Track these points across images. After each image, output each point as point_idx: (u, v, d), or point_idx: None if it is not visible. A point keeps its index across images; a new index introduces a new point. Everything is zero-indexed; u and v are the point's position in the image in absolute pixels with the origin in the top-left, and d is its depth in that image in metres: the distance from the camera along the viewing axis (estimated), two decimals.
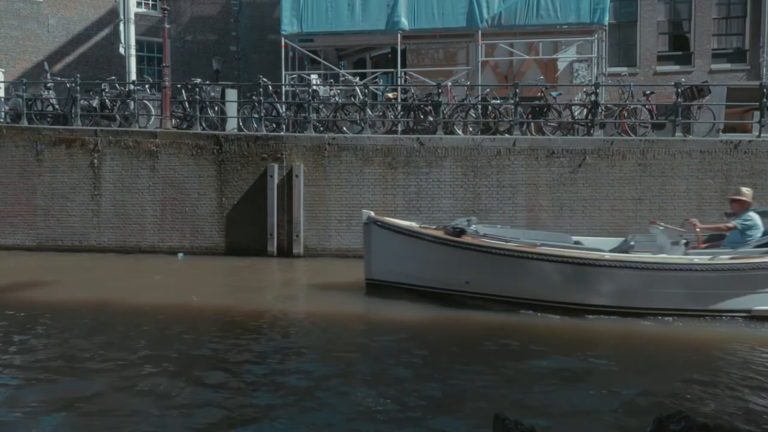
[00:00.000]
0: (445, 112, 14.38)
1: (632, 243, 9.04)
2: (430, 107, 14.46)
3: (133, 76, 17.39)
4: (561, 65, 19.90)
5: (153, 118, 14.88)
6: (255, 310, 9.12)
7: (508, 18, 17.50)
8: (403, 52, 18.93)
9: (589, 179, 13.47)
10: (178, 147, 14.10)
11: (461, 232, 9.03)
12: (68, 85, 15.07)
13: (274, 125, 14.95)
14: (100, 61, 23.09)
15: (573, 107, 15.39)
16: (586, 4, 17.16)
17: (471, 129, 14.55)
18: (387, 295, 9.52)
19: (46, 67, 16.99)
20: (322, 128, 14.60)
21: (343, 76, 18.75)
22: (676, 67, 20.76)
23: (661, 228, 9.14)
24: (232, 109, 15.20)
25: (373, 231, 9.72)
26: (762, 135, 13.72)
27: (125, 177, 14.21)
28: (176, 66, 20.85)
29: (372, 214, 9.95)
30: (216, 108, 15.06)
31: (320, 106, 14.73)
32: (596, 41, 18.19)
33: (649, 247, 8.93)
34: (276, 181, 13.67)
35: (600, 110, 14.19)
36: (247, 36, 25.02)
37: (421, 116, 14.61)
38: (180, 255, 13.74)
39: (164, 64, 15.05)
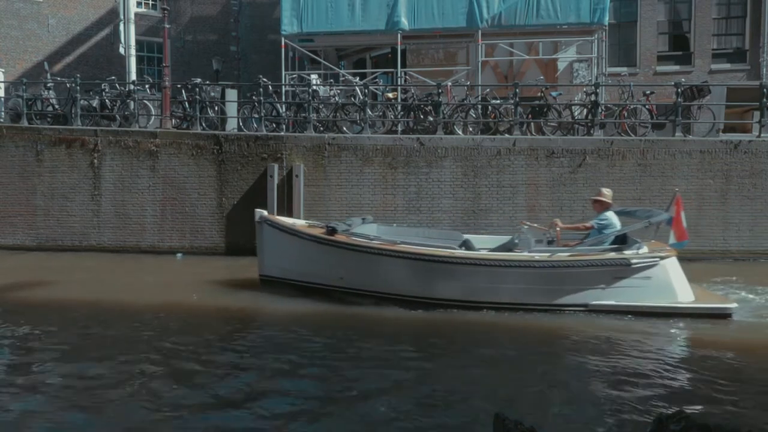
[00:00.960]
0: (445, 112, 14.38)
1: (516, 241, 9.46)
2: (430, 107, 14.46)
3: (133, 76, 17.39)
4: (561, 65, 19.90)
5: (153, 118, 14.88)
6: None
7: (508, 18, 17.50)
8: (403, 52, 18.93)
9: (589, 179, 13.47)
10: (178, 147, 14.10)
11: (333, 231, 9.54)
12: (68, 85, 15.06)
13: (274, 125, 14.95)
14: (100, 61, 23.09)
15: (573, 107, 15.39)
16: (586, 4, 17.16)
17: (471, 129, 14.55)
18: (276, 291, 9.93)
19: (46, 67, 16.99)
20: (322, 128, 14.60)
21: (343, 76, 18.75)
22: (676, 67, 20.76)
23: (526, 227, 9.71)
24: (232, 109, 15.20)
25: (264, 230, 10.10)
26: (762, 135, 13.72)
27: (125, 177, 14.21)
28: (176, 66, 20.85)
29: (264, 213, 10.35)
30: (216, 108, 15.06)
31: (320, 106, 14.73)
32: (596, 41, 18.19)
33: (533, 245, 9.34)
34: (276, 181, 13.66)
35: (600, 110, 14.19)
36: (247, 36, 25.02)
37: (421, 116, 14.61)
38: (178, 255, 13.74)
39: (164, 64, 15.05)
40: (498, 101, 14.61)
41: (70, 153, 14.32)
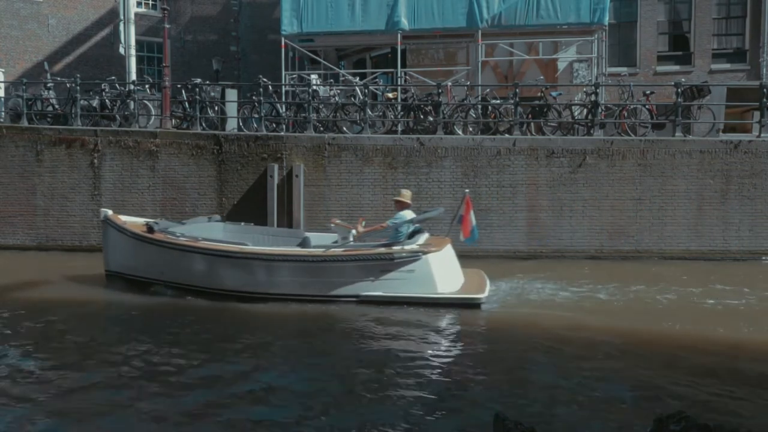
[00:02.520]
0: (445, 112, 14.38)
1: (338, 239, 10.16)
2: (430, 107, 14.46)
3: (133, 76, 17.38)
4: (561, 65, 19.89)
5: (153, 118, 14.87)
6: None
7: (508, 18, 17.49)
8: (403, 52, 18.93)
9: (589, 179, 13.47)
10: (178, 147, 14.10)
11: (151, 229, 10.13)
12: (68, 85, 15.06)
13: (274, 125, 14.94)
14: (100, 61, 23.08)
15: (573, 107, 15.39)
16: (586, 4, 17.15)
17: (471, 129, 14.55)
18: (115, 286, 10.42)
19: (46, 67, 16.98)
20: (322, 128, 14.60)
21: (343, 76, 18.75)
22: (676, 67, 20.76)
23: (333, 225, 10.51)
24: (232, 109, 15.20)
25: (106, 228, 10.68)
26: (762, 135, 13.72)
27: (125, 177, 14.21)
28: (176, 66, 20.85)
29: (109, 212, 10.80)
30: (216, 108, 15.06)
31: (320, 106, 14.72)
32: (596, 41, 18.19)
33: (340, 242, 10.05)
34: (276, 181, 13.66)
35: (600, 110, 14.18)
36: (247, 36, 25.02)
37: (421, 116, 14.60)
38: None
39: (164, 64, 15.05)
40: (498, 101, 14.60)
41: (70, 153, 14.32)
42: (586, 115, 14.38)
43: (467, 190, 10.55)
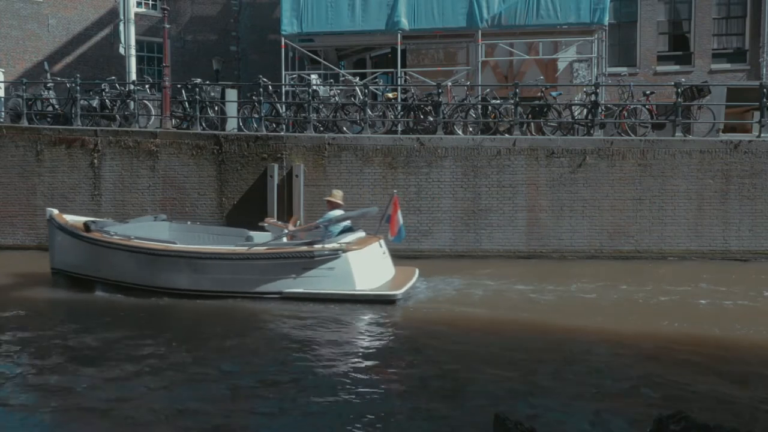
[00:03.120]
0: (445, 112, 14.37)
1: (251, 234, 10.49)
2: (430, 107, 14.45)
3: (133, 76, 17.36)
4: (561, 65, 19.89)
5: (153, 118, 14.88)
6: None
7: (508, 18, 17.48)
8: (403, 52, 18.92)
9: (589, 179, 13.47)
10: (178, 147, 14.10)
11: (87, 228, 10.34)
12: (68, 85, 15.06)
13: (274, 125, 14.94)
14: (100, 61, 23.07)
15: (573, 107, 15.38)
16: (586, 4, 17.14)
17: (471, 129, 14.55)
18: (58, 284, 10.69)
19: (46, 67, 16.98)
20: (322, 128, 14.59)
21: (343, 76, 18.75)
22: (676, 67, 20.75)
23: (266, 225, 10.87)
24: (232, 109, 15.20)
25: (51, 227, 10.96)
26: (762, 135, 13.72)
27: (125, 177, 14.21)
28: (176, 66, 20.84)
29: (55, 212, 11.06)
30: (216, 108, 15.06)
31: (320, 106, 14.72)
32: (596, 41, 18.18)
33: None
34: (276, 181, 13.66)
35: (600, 110, 14.18)
36: (247, 36, 25.00)
37: (421, 116, 14.60)
38: None
39: (164, 64, 15.05)
40: (498, 101, 14.60)
41: (70, 153, 14.32)
42: (586, 115, 14.38)
43: (395, 191, 10.87)
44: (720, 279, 11.43)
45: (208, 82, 15.75)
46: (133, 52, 17.78)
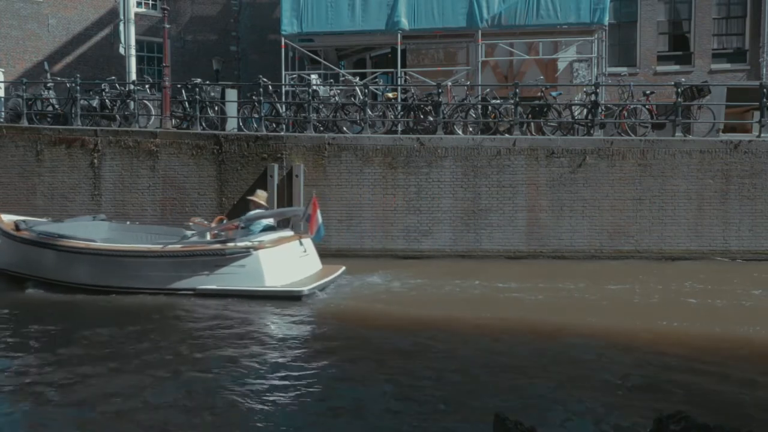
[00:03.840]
0: (445, 112, 14.37)
1: (188, 233, 10.71)
2: (430, 107, 14.45)
3: (133, 76, 17.36)
4: (561, 65, 19.89)
5: (153, 118, 14.87)
6: None
7: (508, 18, 17.48)
8: (403, 52, 18.92)
9: (589, 179, 13.47)
10: (178, 147, 14.10)
11: (17, 227, 10.69)
12: (68, 85, 15.06)
13: (274, 125, 14.94)
14: (100, 61, 23.06)
15: (573, 107, 15.38)
16: (586, 4, 17.14)
17: (471, 129, 14.55)
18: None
19: (46, 67, 16.97)
20: (322, 128, 14.59)
21: (343, 76, 18.75)
22: (676, 67, 20.75)
23: (192, 224, 11.12)
24: (232, 109, 15.20)
25: None
26: (762, 135, 13.72)
27: (125, 177, 14.21)
28: (176, 66, 20.83)
29: None
30: (216, 108, 15.06)
31: (320, 106, 14.72)
32: (596, 41, 18.18)
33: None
34: (276, 181, 13.66)
35: (600, 110, 14.18)
36: (247, 36, 25.00)
37: (421, 116, 14.60)
38: None
39: (164, 64, 15.05)
40: (498, 101, 14.60)
41: (70, 153, 14.32)
42: (586, 115, 14.38)
43: (314, 192, 11.38)
44: (719, 279, 11.44)
45: (208, 82, 15.75)
46: (133, 52, 17.77)
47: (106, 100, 15.00)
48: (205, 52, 24.24)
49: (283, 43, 18.56)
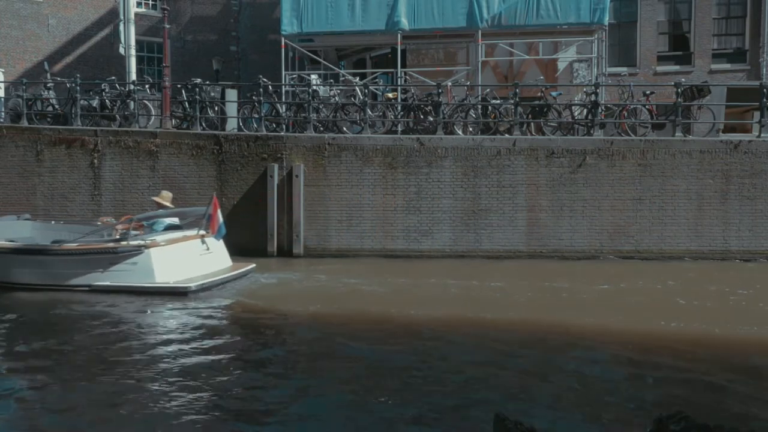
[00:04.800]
0: (445, 112, 14.37)
1: (105, 234, 11.03)
2: (430, 107, 14.45)
3: (133, 76, 17.36)
4: (561, 65, 19.88)
5: (153, 118, 14.87)
6: None
7: (508, 18, 17.48)
8: (403, 52, 18.91)
9: (589, 179, 13.47)
10: (178, 147, 14.09)
11: None
12: (68, 85, 15.05)
13: (274, 125, 14.94)
14: (100, 61, 23.06)
15: (573, 107, 15.38)
16: (586, 4, 17.13)
17: (471, 129, 14.54)
18: None
19: (46, 67, 16.97)
20: (322, 128, 14.59)
21: (343, 76, 18.75)
22: (676, 67, 20.74)
23: (100, 223, 11.63)
24: (232, 109, 15.19)
25: None
26: (762, 135, 13.71)
27: (125, 177, 14.21)
28: (176, 66, 20.83)
29: None
30: (216, 108, 15.06)
31: (320, 106, 14.72)
32: (596, 41, 18.18)
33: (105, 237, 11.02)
34: (276, 181, 13.66)
35: (600, 110, 14.18)
36: (247, 36, 24.99)
37: (421, 116, 14.60)
38: None
39: (164, 64, 15.05)
40: (498, 101, 14.60)
41: (70, 153, 14.32)
42: (586, 115, 14.38)
43: (214, 192, 11.75)
44: (719, 278, 11.44)
45: (208, 82, 15.75)
46: (133, 52, 17.77)
47: (106, 100, 15.00)
48: (205, 52, 24.23)
49: (283, 43, 18.55)
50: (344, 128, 14.47)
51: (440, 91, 14.13)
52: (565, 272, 12.05)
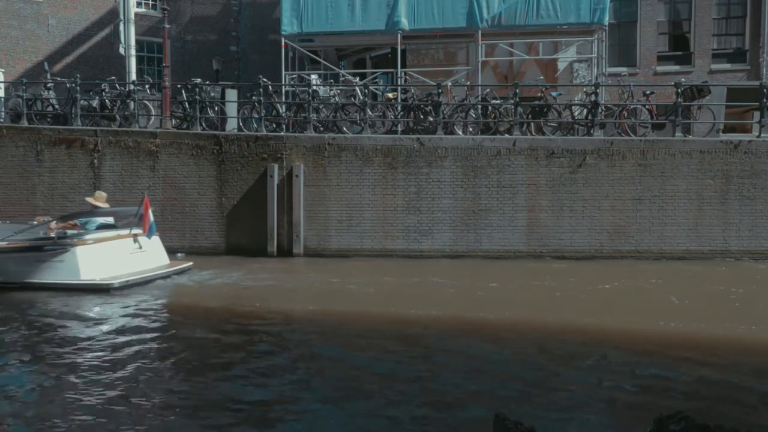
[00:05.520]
0: (445, 112, 14.37)
1: (41, 233, 11.13)
2: (430, 107, 14.45)
3: (133, 76, 17.36)
4: (561, 65, 19.88)
5: (153, 118, 14.87)
6: None
7: (508, 18, 17.48)
8: (403, 52, 18.92)
9: (589, 179, 13.47)
10: (178, 147, 14.10)
11: None
12: (68, 85, 15.05)
13: (274, 125, 14.94)
14: (100, 61, 23.06)
15: (573, 107, 15.38)
16: (586, 4, 17.13)
17: (471, 129, 14.55)
18: None
19: (46, 67, 16.97)
20: (322, 128, 14.59)
21: (343, 76, 18.75)
22: (676, 67, 20.74)
23: (35, 222, 11.67)
24: (232, 109, 15.19)
25: None
26: (762, 135, 13.72)
27: (125, 177, 14.21)
28: (176, 66, 20.83)
29: None
30: (216, 108, 15.06)
31: (320, 106, 14.72)
32: (596, 41, 18.18)
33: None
34: (276, 181, 13.66)
35: (600, 110, 14.18)
36: (247, 36, 25.00)
37: (421, 116, 14.60)
38: (179, 255, 13.73)
39: (164, 64, 15.05)
40: (498, 101, 14.60)
41: (70, 153, 14.32)
42: (586, 115, 14.38)
43: (145, 192, 11.94)
44: (719, 278, 11.44)
45: (208, 82, 15.75)
46: (133, 52, 17.78)
47: (106, 100, 15.00)
48: (205, 52, 24.23)
49: (283, 43, 18.56)
50: (344, 128, 14.47)
51: (440, 91, 14.13)
52: (565, 272, 12.05)
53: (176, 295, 10.61)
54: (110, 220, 11.70)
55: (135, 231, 11.29)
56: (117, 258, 11.00)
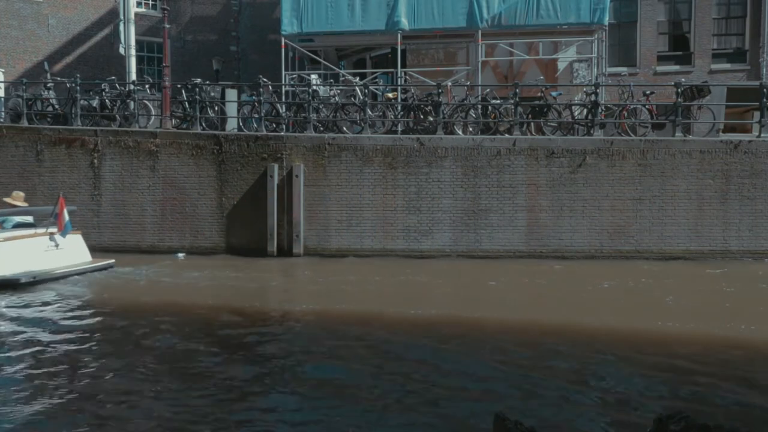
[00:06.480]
0: (445, 112, 14.37)
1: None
2: (430, 107, 14.45)
3: (133, 76, 17.36)
4: (561, 65, 19.87)
5: (153, 118, 14.88)
6: None
7: (508, 18, 17.48)
8: (403, 52, 18.92)
9: (589, 179, 13.47)
10: (178, 147, 14.10)
11: None
12: (68, 85, 15.06)
13: (274, 125, 14.94)
14: (100, 61, 23.05)
15: (573, 107, 15.38)
16: (586, 4, 17.13)
17: (471, 129, 14.55)
18: None
19: (46, 67, 16.97)
20: (322, 128, 14.60)
21: (343, 76, 18.75)
22: (676, 67, 20.73)
23: None
24: (232, 109, 15.20)
25: None
26: (762, 135, 13.72)
27: (125, 177, 14.21)
28: (176, 66, 20.83)
29: None
30: (216, 108, 15.06)
31: (320, 106, 14.72)
32: (596, 41, 18.18)
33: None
34: (276, 181, 13.66)
35: (600, 110, 14.18)
36: (247, 36, 25.00)
37: (421, 116, 14.60)
38: (180, 255, 13.74)
39: (164, 64, 15.05)
40: (498, 101, 14.60)
41: (70, 153, 14.32)
42: (586, 115, 14.38)
43: (61, 193, 12.22)
44: (719, 278, 11.44)
45: (208, 82, 15.75)
46: (133, 52, 17.77)
47: (106, 100, 15.01)
48: (205, 52, 24.23)
49: (283, 43, 18.56)
50: (344, 128, 14.47)
51: (440, 91, 14.14)
52: (565, 272, 12.06)
53: (88, 290, 10.83)
54: (29, 219, 12.01)
55: (51, 230, 11.69)
56: (30, 255, 11.30)
